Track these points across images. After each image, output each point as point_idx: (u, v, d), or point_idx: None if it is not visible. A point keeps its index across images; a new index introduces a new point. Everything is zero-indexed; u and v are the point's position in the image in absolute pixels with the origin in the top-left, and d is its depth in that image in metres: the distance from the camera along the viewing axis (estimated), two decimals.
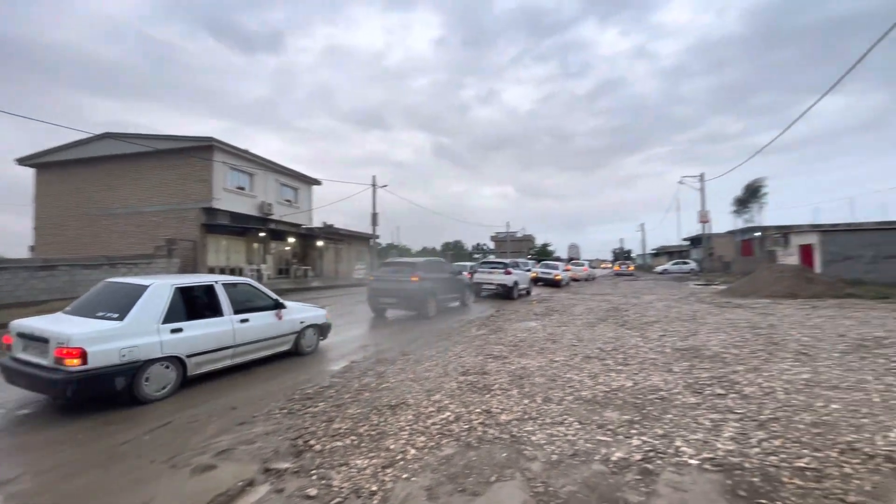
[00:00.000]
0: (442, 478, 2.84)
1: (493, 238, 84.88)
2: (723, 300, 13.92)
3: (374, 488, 2.72)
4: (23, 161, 23.26)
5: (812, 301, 12.70)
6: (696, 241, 49.06)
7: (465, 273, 16.27)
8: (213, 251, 22.00)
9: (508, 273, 16.98)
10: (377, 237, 31.96)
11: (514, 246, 71.22)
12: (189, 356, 5.05)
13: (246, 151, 22.89)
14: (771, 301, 13.14)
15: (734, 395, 4.30)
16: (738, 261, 35.27)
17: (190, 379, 5.08)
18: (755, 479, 2.71)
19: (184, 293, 5.28)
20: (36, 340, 4.45)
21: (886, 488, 2.59)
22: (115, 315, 4.68)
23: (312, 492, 2.70)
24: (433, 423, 3.73)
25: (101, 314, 4.76)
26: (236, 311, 5.76)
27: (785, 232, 26.21)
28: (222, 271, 22.48)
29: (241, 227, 22.32)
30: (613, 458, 3.03)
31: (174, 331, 4.95)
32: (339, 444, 3.38)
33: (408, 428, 3.65)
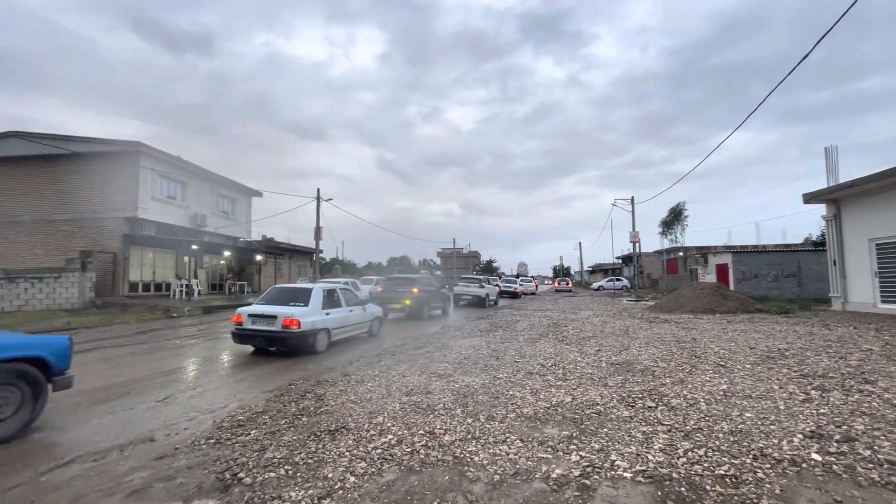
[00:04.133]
0: None
1: (439, 254, 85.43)
2: (651, 315, 14.89)
3: None
4: None
5: (727, 316, 13.93)
6: (627, 259, 52.45)
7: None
8: (136, 265, 20.22)
9: (482, 287, 21.50)
10: (321, 252, 31.02)
11: (460, 262, 72.05)
12: (333, 329, 8.76)
13: (178, 158, 21.49)
14: (693, 316, 14.25)
15: (663, 407, 4.56)
16: (665, 278, 38.08)
17: (336, 341, 9.08)
18: (682, 489, 2.87)
19: (327, 292, 8.97)
20: (265, 317, 7.89)
21: (792, 491, 2.84)
22: (302, 304, 8.21)
23: None
24: (374, 448, 3.61)
25: (292, 304, 8.22)
26: (346, 305, 9.47)
27: (704, 252, 28.77)
28: (146, 287, 20.72)
29: (170, 238, 20.74)
30: (553, 476, 3.08)
31: (327, 313, 8.63)
32: (272, 474, 3.16)
33: (348, 454, 3.50)
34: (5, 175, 19.98)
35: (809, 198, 15.51)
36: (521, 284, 33.23)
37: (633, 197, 33.93)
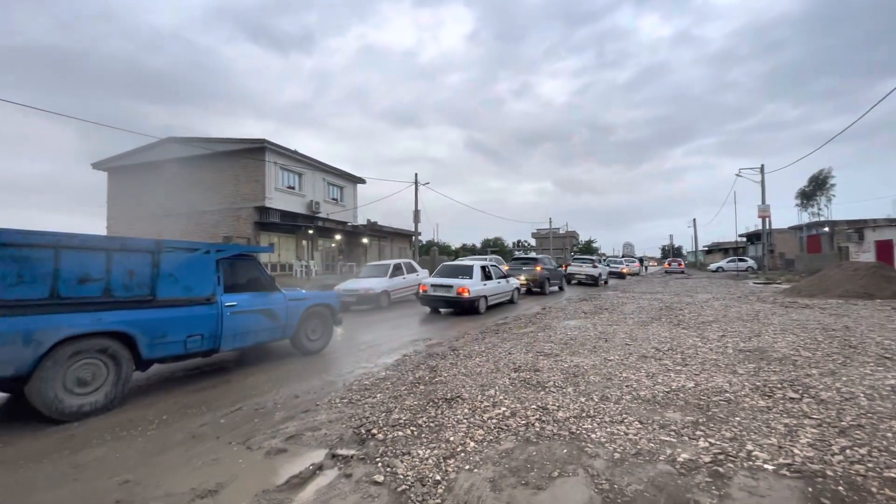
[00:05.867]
0: (504, 471, 2.87)
1: (534, 235, 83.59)
2: (787, 300, 13.04)
3: (438, 478, 2.79)
4: (97, 165, 25.36)
5: (892, 302, 11.65)
6: (754, 237, 46.19)
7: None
8: None
9: (595, 266, 22.93)
10: (419, 234, 32.35)
11: (556, 243, 69.81)
12: (488, 296, 11.55)
13: (295, 152, 23.78)
14: (843, 301, 12.17)
15: (809, 399, 4.04)
16: (803, 258, 32.84)
17: (489, 306, 11.78)
18: (840, 488, 2.55)
19: (482, 267, 11.80)
20: (444, 287, 10.86)
21: None
22: (467, 277, 11.17)
23: (379, 478, 2.81)
24: (489, 418, 3.77)
25: (459, 277, 11.22)
26: (495, 278, 12.20)
27: (858, 227, 24.14)
28: (273, 268, 23.54)
29: (291, 224, 23.26)
30: (680, 459, 2.94)
31: (484, 284, 11.38)
32: (399, 433, 3.48)
33: (465, 421, 3.71)
34: (166, 174, 23.99)
35: None
36: (626, 265, 34.37)
37: (762, 165, 29.59)
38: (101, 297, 4.24)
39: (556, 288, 18.33)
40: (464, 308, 10.77)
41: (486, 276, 11.75)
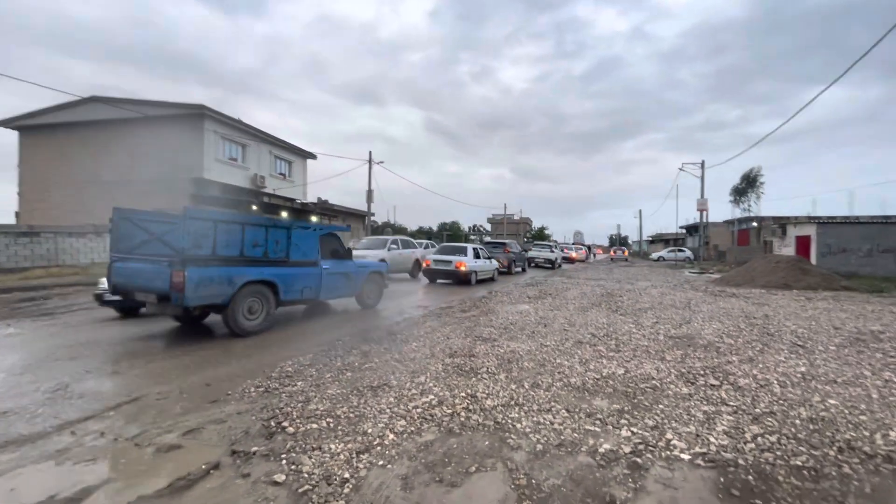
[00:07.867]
0: (419, 466, 2.68)
1: (490, 220, 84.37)
2: (717, 289, 13.85)
3: (347, 475, 2.55)
4: (5, 123, 22.50)
5: (806, 293, 12.64)
6: (692, 229, 49.08)
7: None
8: None
9: (552, 252, 26.73)
10: (373, 214, 31.56)
11: (510, 228, 70.94)
12: (478, 271, 14.47)
13: (239, 121, 22.25)
14: (765, 291, 13.07)
15: (728, 386, 4.16)
16: (734, 250, 35.27)
17: (477, 280, 14.64)
18: (749, 478, 2.57)
19: (474, 248, 14.98)
20: (444, 261, 13.99)
21: (887, 490, 2.46)
22: (462, 255, 14.17)
23: (280, 478, 2.53)
24: (415, 407, 3.56)
25: (456, 255, 14.15)
26: (482, 258, 15.09)
27: (782, 223, 26.11)
28: None
29: (232, 199, 21.84)
30: (601, 450, 2.87)
31: (475, 261, 14.33)
32: (314, 426, 3.20)
33: (388, 411, 3.48)
34: (89, 137, 21.68)
35: None
36: (574, 251, 38.40)
37: (703, 161, 31.22)
38: (262, 257, 6.37)
39: (520, 269, 21.02)
40: (459, 279, 13.75)
41: (476, 255, 14.71)
